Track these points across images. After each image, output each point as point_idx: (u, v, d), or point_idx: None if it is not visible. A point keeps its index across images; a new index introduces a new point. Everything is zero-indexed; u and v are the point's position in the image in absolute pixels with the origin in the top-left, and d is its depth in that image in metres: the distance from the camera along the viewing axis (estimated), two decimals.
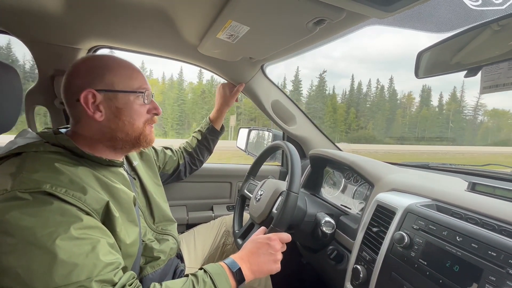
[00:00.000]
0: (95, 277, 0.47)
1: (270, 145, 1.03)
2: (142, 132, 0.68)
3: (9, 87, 0.69)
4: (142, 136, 0.69)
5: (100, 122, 0.63)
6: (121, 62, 0.67)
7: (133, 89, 0.66)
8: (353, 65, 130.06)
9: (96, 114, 0.62)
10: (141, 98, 0.67)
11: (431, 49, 0.62)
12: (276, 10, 0.63)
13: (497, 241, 0.47)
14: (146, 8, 0.77)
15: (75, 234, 0.48)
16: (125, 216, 0.62)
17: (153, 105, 0.71)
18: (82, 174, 0.56)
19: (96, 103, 0.62)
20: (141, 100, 0.67)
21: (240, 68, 1.16)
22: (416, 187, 0.74)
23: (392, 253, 0.62)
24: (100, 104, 0.62)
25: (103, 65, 0.64)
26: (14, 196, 0.47)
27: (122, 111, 0.65)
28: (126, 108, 0.65)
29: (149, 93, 0.69)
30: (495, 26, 0.55)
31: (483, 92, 0.53)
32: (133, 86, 0.66)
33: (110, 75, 0.63)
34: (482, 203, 0.59)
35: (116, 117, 0.64)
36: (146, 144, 0.70)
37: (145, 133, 0.69)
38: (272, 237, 0.71)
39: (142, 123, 0.68)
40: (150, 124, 0.71)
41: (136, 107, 0.66)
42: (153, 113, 0.71)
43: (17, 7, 0.79)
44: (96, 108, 0.62)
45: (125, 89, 0.65)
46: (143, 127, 0.69)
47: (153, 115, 0.71)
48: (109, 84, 0.63)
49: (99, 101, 0.62)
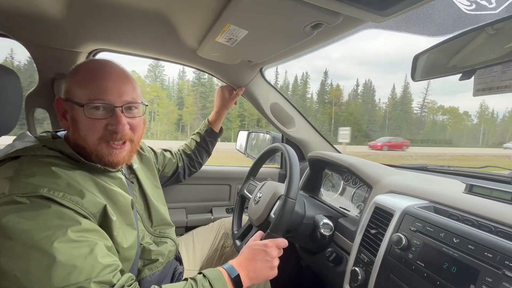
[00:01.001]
0: (94, 279, 0.47)
1: (270, 147, 1.03)
2: (95, 150, 0.60)
3: (9, 90, 0.70)
4: (95, 155, 0.61)
5: (68, 131, 0.63)
6: (83, 67, 0.62)
7: (81, 100, 0.59)
8: (352, 66, 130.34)
9: (62, 121, 0.63)
10: (91, 111, 0.59)
11: (427, 52, 0.63)
12: (274, 14, 0.64)
13: (493, 242, 0.47)
14: (146, 12, 0.78)
15: (73, 237, 0.48)
16: (123, 220, 0.62)
17: (113, 120, 0.60)
18: (79, 178, 0.56)
19: (62, 111, 0.63)
20: (92, 113, 0.59)
21: (239, 71, 1.17)
22: (414, 189, 0.75)
23: (390, 255, 0.63)
24: (65, 112, 0.62)
25: (72, 71, 0.63)
26: (11, 200, 0.47)
27: (75, 123, 0.60)
28: (77, 121, 0.60)
29: (104, 106, 0.60)
30: (490, 29, 0.55)
31: (476, 95, 0.54)
32: (83, 96, 0.59)
33: (70, 83, 0.62)
34: (479, 205, 0.59)
35: (73, 128, 0.61)
36: (104, 165, 0.62)
37: (99, 152, 0.61)
38: (269, 243, 0.71)
39: (96, 139, 0.60)
40: (109, 142, 0.61)
41: (84, 121, 0.59)
42: (109, 129, 0.60)
43: (18, 11, 0.80)
44: (62, 116, 0.63)
45: (75, 99, 0.59)
46: (98, 145, 0.60)
47: (112, 133, 0.61)
48: (68, 92, 0.61)
49: (64, 109, 0.62)
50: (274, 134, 1.50)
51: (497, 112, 64.30)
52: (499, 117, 65.44)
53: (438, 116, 60.84)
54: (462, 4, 0.55)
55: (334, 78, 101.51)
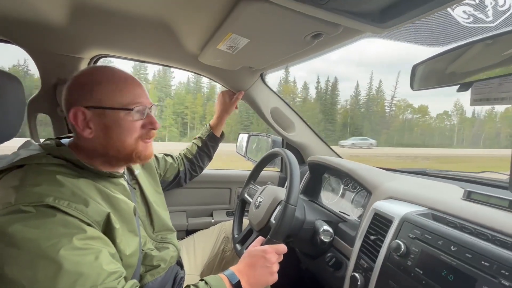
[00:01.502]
0: (99, 286, 0.48)
1: (270, 152, 1.04)
2: (134, 149, 0.66)
3: (12, 96, 0.70)
4: (135, 153, 0.66)
5: (91, 139, 0.63)
6: (111, 75, 0.65)
7: (121, 105, 0.63)
8: (351, 68, 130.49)
9: (85, 131, 0.62)
10: (132, 114, 0.64)
11: (425, 62, 0.64)
12: (275, 24, 0.65)
13: (490, 251, 0.48)
14: (148, 19, 0.79)
15: (78, 244, 0.49)
16: (126, 227, 0.63)
17: (149, 119, 0.68)
18: (83, 186, 0.57)
19: (86, 119, 0.62)
20: (132, 116, 0.64)
21: (240, 76, 1.18)
22: (413, 196, 0.75)
23: (389, 262, 0.64)
24: (89, 121, 0.62)
25: (93, 80, 0.63)
26: (18, 210, 0.48)
27: (111, 128, 0.63)
28: (115, 125, 0.63)
29: (143, 108, 0.66)
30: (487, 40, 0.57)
31: (473, 104, 0.55)
32: (122, 101, 0.63)
33: (98, 91, 0.62)
34: (477, 212, 0.60)
35: (105, 134, 0.63)
36: (140, 161, 0.68)
37: (137, 150, 0.67)
38: (268, 249, 0.72)
39: (133, 140, 0.66)
40: (145, 139, 0.68)
41: (125, 124, 0.64)
42: (149, 128, 0.68)
43: (21, 18, 0.81)
44: (85, 125, 0.62)
45: (113, 105, 0.62)
46: (135, 143, 0.66)
47: (149, 130, 0.68)
48: (97, 101, 0.62)
49: (89, 118, 0.62)
50: (274, 137, 1.51)
51: (478, 113, 62.98)
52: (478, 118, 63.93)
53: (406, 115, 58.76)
54: (460, 17, 0.56)
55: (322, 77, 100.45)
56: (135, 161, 0.68)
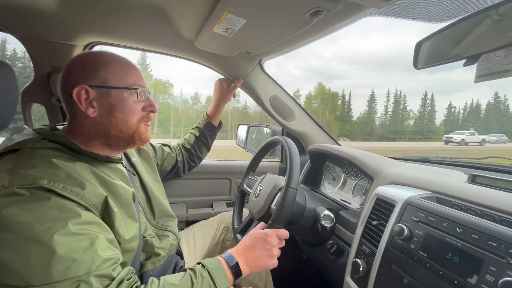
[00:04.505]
0: (94, 272, 0.47)
1: (269, 140, 1.02)
2: (136, 129, 0.67)
3: (4, 85, 0.68)
4: (136, 134, 0.67)
5: (94, 118, 0.62)
6: (116, 58, 0.66)
7: (127, 85, 0.65)
8: (345, 66, 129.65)
9: (89, 110, 0.62)
10: (135, 94, 0.66)
11: (429, 39, 0.61)
12: (272, 2, 0.62)
13: (497, 231, 0.46)
14: (141, 3, 0.77)
15: (73, 229, 0.48)
16: (124, 212, 0.62)
17: (149, 102, 0.69)
18: (80, 170, 0.56)
19: (89, 99, 0.61)
20: (135, 97, 0.66)
21: (238, 63, 1.15)
22: (416, 180, 0.74)
23: (392, 246, 0.62)
24: (93, 100, 0.62)
25: (98, 61, 0.64)
26: (11, 192, 0.47)
27: (115, 107, 0.63)
28: (120, 105, 0.64)
29: (144, 90, 0.68)
30: (494, 15, 0.54)
31: (477, 81, 0.53)
32: (127, 82, 0.65)
33: (103, 71, 0.63)
34: (482, 194, 0.58)
35: (109, 113, 0.63)
36: (141, 142, 0.69)
37: (139, 130, 0.68)
38: (269, 232, 0.71)
39: (136, 121, 0.67)
40: (146, 121, 0.69)
41: (129, 104, 0.65)
42: (149, 110, 0.69)
43: (11, 4, 0.78)
44: (89, 104, 0.62)
45: (119, 85, 0.64)
46: (138, 124, 0.67)
47: (148, 113, 0.70)
48: (103, 80, 0.62)
49: (92, 97, 0.61)
50: (274, 127, 1.49)
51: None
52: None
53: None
54: None
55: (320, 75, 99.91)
56: (135, 142, 0.68)
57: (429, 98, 64.93)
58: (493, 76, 0.51)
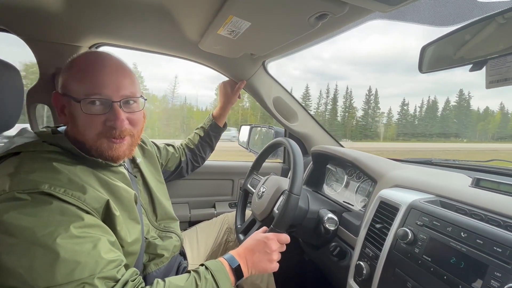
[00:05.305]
0: (98, 274, 0.47)
1: (273, 141, 1.02)
2: (94, 145, 0.59)
3: (10, 86, 0.69)
4: (95, 151, 0.59)
5: (68, 126, 0.62)
6: (77, 61, 0.60)
7: (77, 95, 0.57)
8: (344, 67, 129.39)
9: (61, 117, 0.61)
10: (89, 106, 0.57)
11: (435, 43, 0.61)
12: (277, 5, 0.62)
13: (502, 236, 0.46)
14: (146, 5, 0.77)
15: (76, 232, 0.48)
16: (126, 214, 0.62)
17: (111, 115, 0.58)
18: (81, 173, 0.56)
19: (60, 105, 0.61)
20: (89, 108, 0.57)
21: (241, 65, 1.15)
22: (420, 183, 0.74)
23: (395, 249, 0.62)
24: (63, 107, 0.61)
25: (68, 64, 0.61)
26: (12, 197, 0.47)
27: (74, 118, 0.58)
28: (76, 116, 0.58)
29: (104, 101, 0.57)
30: (500, 19, 0.53)
31: (489, 87, 0.52)
32: (79, 91, 0.57)
33: (64, 77, 0.59)
34: (486, 198, 0.58)
35: (72, 123, 0.59)
36: (104, 160, 0.61)
37: (100, 147, 0.59)
38: (270, 236, 0.71)
39: (94, 136, 0.58)
40: (110, 138, 0.59)
41: (82, 117, 0.57)
42: (109, 125, 0.59)
43: (17, 5, 0.79)
44: (61, 111, 0.61)
45: (72, 94, 0.57)
46: (97, 140, 0.59)
47: (111, 128, 0.59)
48: (64, 87, 0.59)
49: (62, 104, 0.61)
50: (276, 128, 1.49)
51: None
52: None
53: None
54: None
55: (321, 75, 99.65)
56: (99, 158, 0.60)
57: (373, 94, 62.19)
58: (507, 81, 0.50)
